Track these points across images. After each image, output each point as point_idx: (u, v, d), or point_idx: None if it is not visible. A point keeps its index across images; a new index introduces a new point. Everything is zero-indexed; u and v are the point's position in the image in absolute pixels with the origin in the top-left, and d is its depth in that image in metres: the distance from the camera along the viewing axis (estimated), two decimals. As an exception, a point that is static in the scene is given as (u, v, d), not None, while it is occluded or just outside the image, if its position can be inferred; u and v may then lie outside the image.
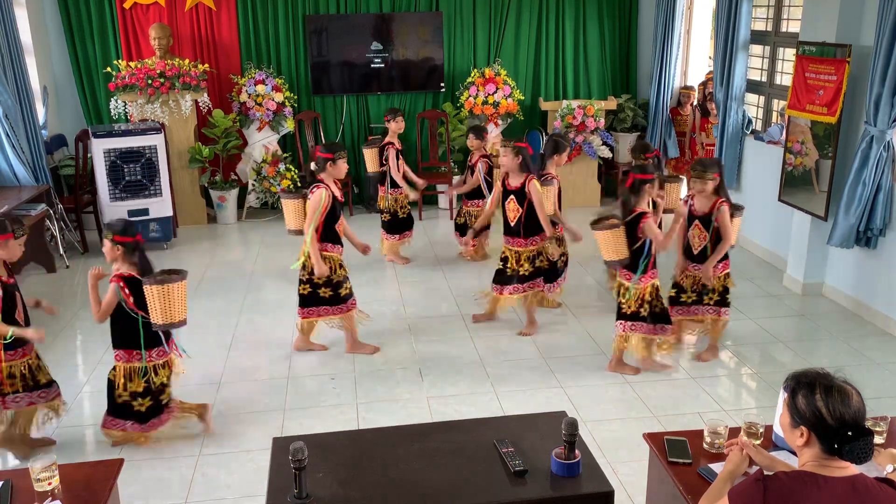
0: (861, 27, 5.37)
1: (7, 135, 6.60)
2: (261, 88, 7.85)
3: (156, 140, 7.10)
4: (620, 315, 4.63)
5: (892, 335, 5.24)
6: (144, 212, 7.10)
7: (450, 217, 8.24)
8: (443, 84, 8.54)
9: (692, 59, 8.55)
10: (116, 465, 2.70)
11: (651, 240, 4.44)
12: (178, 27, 8.03)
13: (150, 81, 7.34)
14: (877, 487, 1.91)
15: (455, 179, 8.18)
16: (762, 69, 7.03)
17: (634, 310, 4.54)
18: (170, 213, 7.27)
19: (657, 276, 4.59)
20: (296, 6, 8.19)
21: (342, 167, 4.71)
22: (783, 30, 6.71)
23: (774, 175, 6.23)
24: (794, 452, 2.05)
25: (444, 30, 8.46)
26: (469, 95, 8.21)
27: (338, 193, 4.75)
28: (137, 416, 3.90)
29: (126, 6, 7.85)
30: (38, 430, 4.01)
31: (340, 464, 2.58)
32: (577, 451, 2.51)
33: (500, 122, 8.35)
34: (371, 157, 6.49)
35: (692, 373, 4.72)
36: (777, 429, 2.62)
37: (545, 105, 8.48)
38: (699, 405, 4.35)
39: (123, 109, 7.52)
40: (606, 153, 8.37)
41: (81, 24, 7.89)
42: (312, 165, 4.75)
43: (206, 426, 4.12)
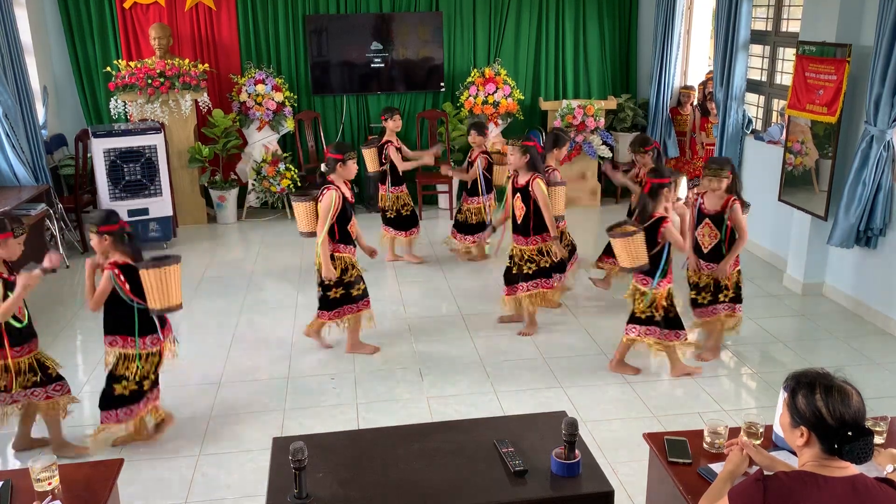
0: (861, 27, 5.37)
1: (7, 135, 6.60)
2: (261, 88, 7.85)
3: (156, 140, 7.10)
4: (633, 319, 4.57)
5: (892, 335, 5.23)
6: (144, 211, 7.11)
7: (450, 217, 8.24)
8: (443, 84, 8.54)
9: (692, 59, 8.55)
10: (116, 465, 2.70)
11: (670, 244, 4.40)
12: (178, 27, 8.03)
13: (150, 81, 7.34)
14: (877, 487, 1.91)
15: (455, 179, 8.20)
16: (762, 69, 7.03)
17: (649, 314, 4.50)
18: (170, 213, 7.28)
19: (672, 281, 4.57)
20: (296, 6, 8.19)
21: (352, 168, 4.71)
22: (783, 30, 6.71)
23: (774, 175, 6.23)
24: (794, 452, 2.05)
25: (444, 30, 8.46)
26: (469, 95, 8.21)
27: (348, 194, 4.75)
28: (118, 401, 3.85)
29: (126, 6, 7.85)
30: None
31: (340, 464, 2.58)
32: (577, 451, 2.51)
33: (500, 122, 8.35)
34: (370, 157, 6.49)
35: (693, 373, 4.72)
36: (777, 429, 2.62)
37: (545, 105, 8.48)
38: (699, 405, 4.35)
39: (123, 109, 7.52)
40: (606, 153, 8.36)
41: (81, 24, 7.89)
42: (323, 167, 4.76)
43: (153, 435, 4.04)
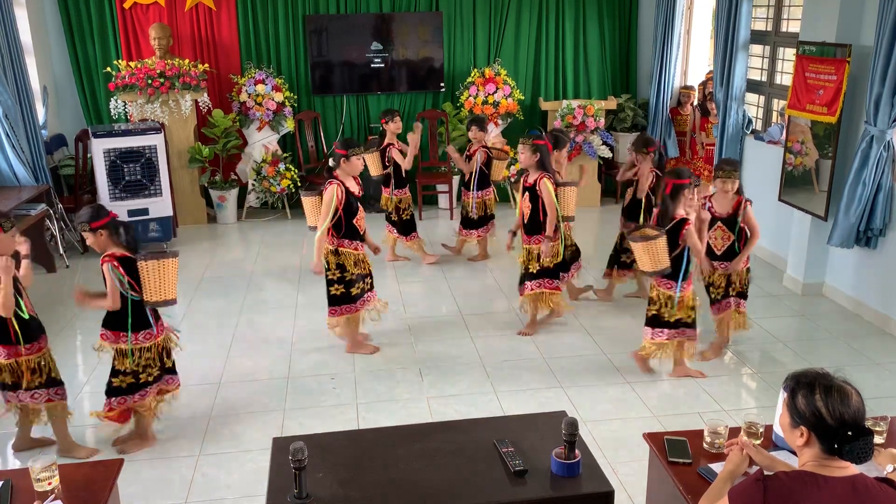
0: (861, 27, 5.37)
1: (7, 135, 6.60)
2: (261, 88, 7.86)
3: (156, 140, 7.10)
4: (662, 323, 4.50)
5: (892, 335, 5.24)
6: (144, 212, 7.11)
7: (450, 217, 8.24)
8: (443, 84, 8.54)
9: (692, 59, 8.56)
10: (116, 465, 2.70)
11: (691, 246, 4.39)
12: (178, 27, 8.03)
13: (150, 81, 7.34)
14: (877, 487, 1.91)
15: (455, 179, 8.21)
16: (762, 69, 7.03)
17: (679, 317, 4.47)
18: (170, 213, 7.27)
19: (692, 282, 4.55)
20: (296, 6, 8.19)
21: (356, 164, 4.71)
22: (783, 30, 6.71)
23: (774, 175, 6.23)
24: (794, 452, 2.05)
25: (444, 30, 8.46)
26: (469, 95, 8.21)
27: (355, 189, 4.75)
28: (115, 392, 3.85)
29: (126, 6, 7.85)
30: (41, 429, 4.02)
31: (340, 464, 2.58)
32: (577, 451, 2.51)
33: (500, 122, 8.35)
34: (373, 162, 6.42)
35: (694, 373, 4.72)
36: (777, 429, 2.62)
37: (545, 105, 8.48)
38: (699, 405, 4.35)
39: (123, 109, 7.52)
40: (606, 153, 8.37)
41: (81, 24, 7.89)
42: (330, 161, 4.78)
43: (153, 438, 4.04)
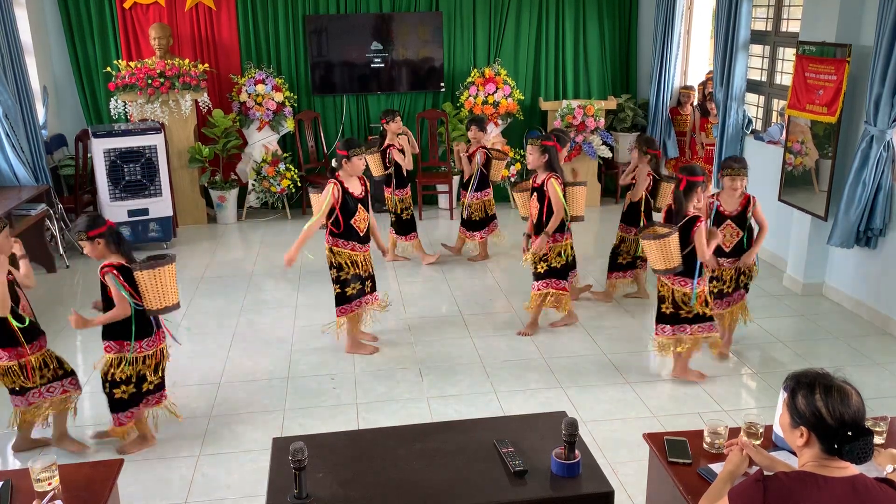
0: (861, 27, 5.37)
1: (7, 135, 6.60)
2: (261, 88, 7.86)
3: (156, 140, 7.10)
4: (680, 320, 4.48)
5: (892, 335, 5.24)
6: (144, 212, 7.11)
7: (450, 217, 8.24)
8: (443, 84, 8.54)
9: (692, 59, 8.55)
10: (116, 465, 2.70)
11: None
12: (178, 27, 8.03)
13: (150, 81, 7.34)
14: (877, 487, 1.91)
15: (455, 179, 8.21)
16: (762, 69, 7.03)
17: (698, 312, 4.45)
18: (170, 213, 7.28)
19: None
20: (296, 6, 8.19)
21: (356, 164, 4.71)
22: (783, 30, 6.71)
23: (774, 175, 6.23)
24: (794, 452, 2.05)
25: (444, 30, 8.46)
26: (469, 95, 8.21)
27: (357, 190, 4.76)
28: (119, 405, 3.83)
29: (126, 6, 7.85)
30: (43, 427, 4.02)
31: (340, 464, 2.58)
32: (577, 451, 2.51)
33: (500, 122, 8.35)
34: (374, 162, 6.44)
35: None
36: (777, 429, 2.62)
37: (545, 105, 8.48)
38: (699, 405, 4.35)
39: (123, 109, 7.52)
40: (606, 153, 8.37)
41: (81, 24, 7.89)
42: (333, 162, 4.77)
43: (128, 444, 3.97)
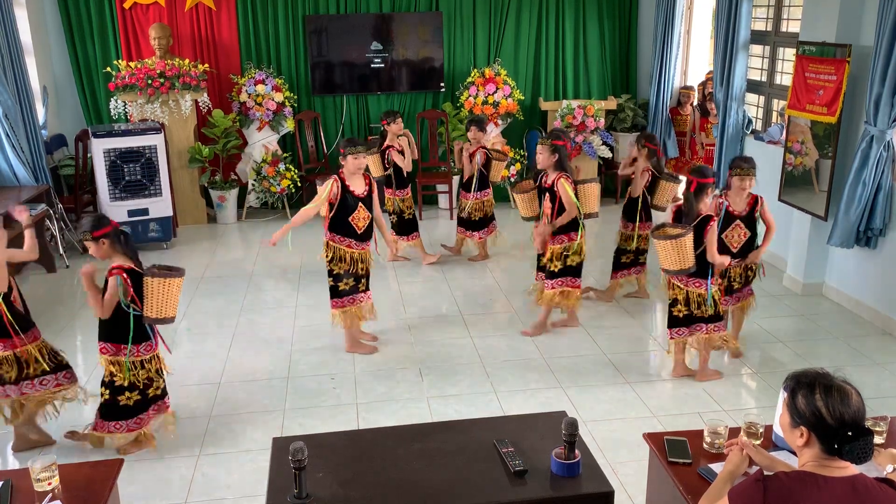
0: (861, 27, 5.37)
1: (7, 135, 6.60)
2: (261, 88, 7.86)
3: (156, 140, 7.10)
4: (695, 319, 4.48)
5: (892, 335, 5.24)
6: (144, 212, 7.11)
7: (450, 217, 8.24)
8: (443, 84, 8.54)
9: (692, 59, 8.55)
10: (116, 465, 2.70)
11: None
12: (178, 27, 8.03)
13: (150, 81, 7.34)
14: (877, 487, 1.91)
15: (455, 179, 8.21)
16: (762, 69, 7.03)
17: (713, 313, 4.46)
18: (170, 213, 7.28)
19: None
20: (296, 6, 8.19)
21: (352, 162, 4.74)
22: (783, 30, 6.71)
23: (774, 175, 6.23)
24: (794, 452, 2.05)
25: (444, 30, 8.46)
26: (469, 95, 8.21)
27: (359, 188, 4.78)
28: (125, 412, 3.80)
29: (126, 6, 7.85)
30: (47, 418, 4.01)
31: (340, 464, 2.58)
32: (577, 451, 2.51)
33: (500, 122, 8.35)
34: (374, 162, 6.46)
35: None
36: (777, 429, 2.62)
37: (545, 105, 8.48)
38: (699, 405, 4.35)
39: (123, 109, 7.52)
40: (606, 153, 8.37)
41: (81, 24, 7.89)
42: (340, 159, 4.86)
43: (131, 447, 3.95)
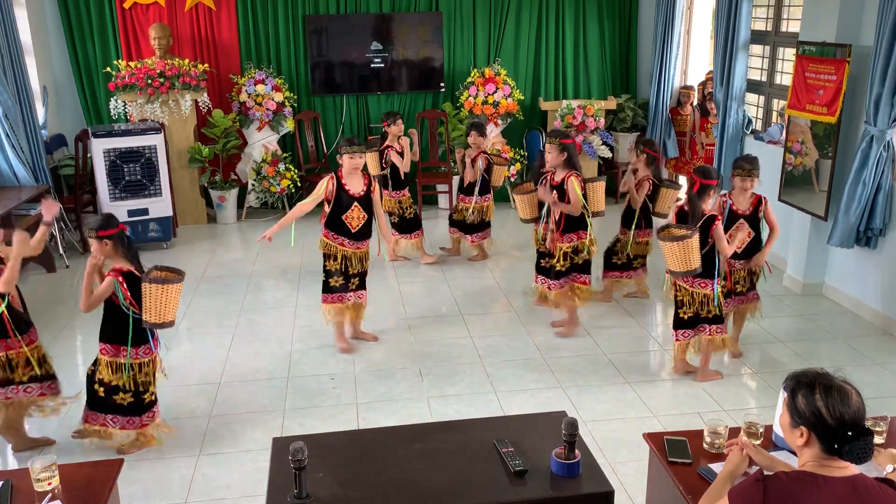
0: (861, 27, 5.37)
1: (7, 135, 6.60)
2: (261, 88, 7.86)
3: (155, 140, 7.10)
4: (700, 320, 4.49)
5: (892, 335, 5.24)
6: (144, 212, 7.11)
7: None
8: (443, 84, 8.54)
9: (692, 59, 8.55)
10: (116, 465, 2.70)
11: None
12: (178, 27, 8.03)
13: (150, 81, 7.34)
14: (877, 487, 1.91)
15: (455, 179, 8.20)
16: (762, 69, 7.03)
17: (717, 313, 4.46)
18: (170, 213, 7.28)
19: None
20: (296, 6, 8.19)
21: (347, 162, 4.76)
22: (783, 30, 6.71)
23: (774, 175, 6.23)
24: (794, 452, 2.05)
25: (444, 30, 8.46)
26: (469, 95, 8.21)
27: (356, 188, 4.79)
28: (119, 410, 3.79)
29: (126, 6, 7.85)
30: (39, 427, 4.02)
31: (340, 464, 2.58)
32: (577, 451, 2.51)
33: (500, 122, 8.35)
34: (372, 161, 6.47)
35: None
36: (777, 429, 2.62)
37: (545, 105, 8.48)
38: (699, 405, 4.35)
39: (123, 109, 7.52)
40: (606, 153, 8.37)
41: (81, 24, 7.89)
42: (338, 157, 4.88)
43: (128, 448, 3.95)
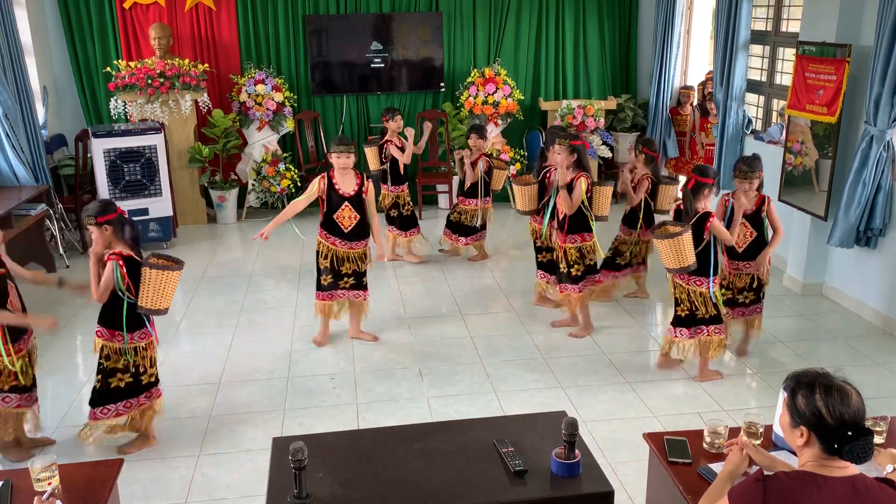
0: (861, 27, 5.37)
1: (7, 135, 6.60)
2: (261, 88, 7.85)
3: (156, 140, 7.10)
4: (697, 320, 4.49)
5: (892, 335, 5.24)
6: (144, 212, 7.11)
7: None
8: (443, 84, 8.54)
9: (692, 59, 8.55)
10: (116, 465, 2.70)
11: (715, 239, 4.38)
12: (178, 27, 8.03)
13: (150, 81, 7.34)
14: (877, 487, 1.91)
15: (455, 179, 8.20)
16: (762, 69, 7.03)
17: (715, 313, 4.47)
18: (170, 213, 7.28)
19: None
20: (296, 6, 8.19)
21: (335, 161, 4.79)
22: (783, 30, 6.71)
23: (774, 175, 6.22)
24: (794, 452, 2.05)
25: (444, 30, 8.46)
26: (469, 95, 8.21)
27: (347, 188, 4.81)
28: (115, 395, 3.77)
29: (126, 6, 7.85)
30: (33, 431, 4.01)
31: (340, 464, 2.58)
32: (577, 451, 2.51)
33: (500, 122, 8.35)
34: (372, 155, 6.51)
35: (692, 372, 4.72)
36: (777, 429, 2.62)
37: (545, 105, 8.48)
38: (699, 405, 4.35)
39: (123, 109, 7.52)
40: (606, 153, 8.37)
41: (81, 24, 7.89)
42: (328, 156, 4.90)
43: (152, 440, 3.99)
